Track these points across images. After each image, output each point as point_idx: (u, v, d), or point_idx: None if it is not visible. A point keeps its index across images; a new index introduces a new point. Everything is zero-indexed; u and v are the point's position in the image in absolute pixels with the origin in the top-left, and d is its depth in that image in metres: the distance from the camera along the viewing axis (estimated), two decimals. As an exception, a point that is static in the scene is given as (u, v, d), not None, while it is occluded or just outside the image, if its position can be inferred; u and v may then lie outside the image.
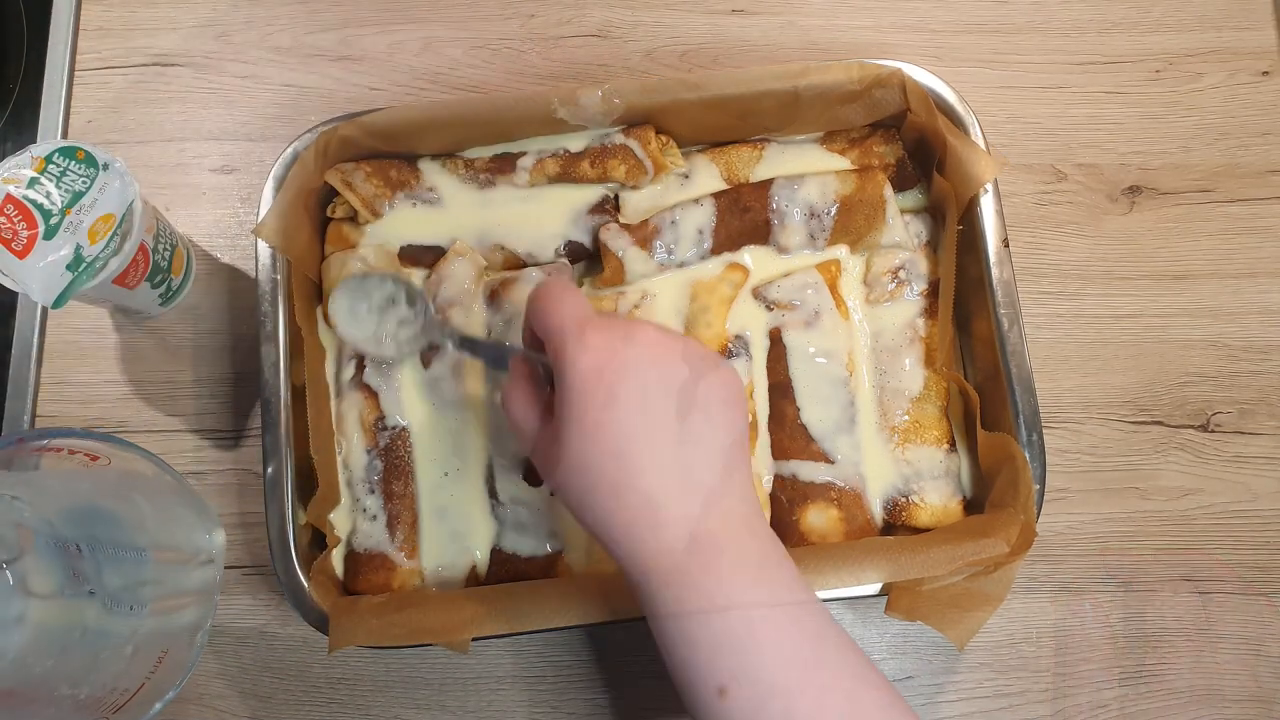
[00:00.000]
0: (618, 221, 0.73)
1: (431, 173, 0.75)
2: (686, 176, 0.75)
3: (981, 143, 0.71)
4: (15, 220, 0.60)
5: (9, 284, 0.61)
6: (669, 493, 0.50)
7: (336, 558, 0.70)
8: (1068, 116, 0.81)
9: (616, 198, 0.75)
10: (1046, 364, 0.77)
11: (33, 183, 0.61)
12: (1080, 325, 0.78)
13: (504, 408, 0.58)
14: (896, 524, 0.70)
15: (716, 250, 0.73)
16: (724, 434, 0.52)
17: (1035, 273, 0.79)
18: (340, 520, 0.70)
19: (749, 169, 0.75)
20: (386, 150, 0.74)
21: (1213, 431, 0.76)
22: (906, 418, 0.71)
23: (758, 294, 0.73)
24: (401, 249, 0.74)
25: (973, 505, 0.71)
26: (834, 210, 0.72)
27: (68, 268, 0.60)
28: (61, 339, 0.76)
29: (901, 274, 0.73)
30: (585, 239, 0.74)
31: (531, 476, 0.69)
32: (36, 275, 0.60)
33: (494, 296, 0.72)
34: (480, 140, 0.74)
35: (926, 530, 0.69)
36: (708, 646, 0.49)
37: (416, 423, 0.71)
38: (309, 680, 0.72)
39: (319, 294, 0.74)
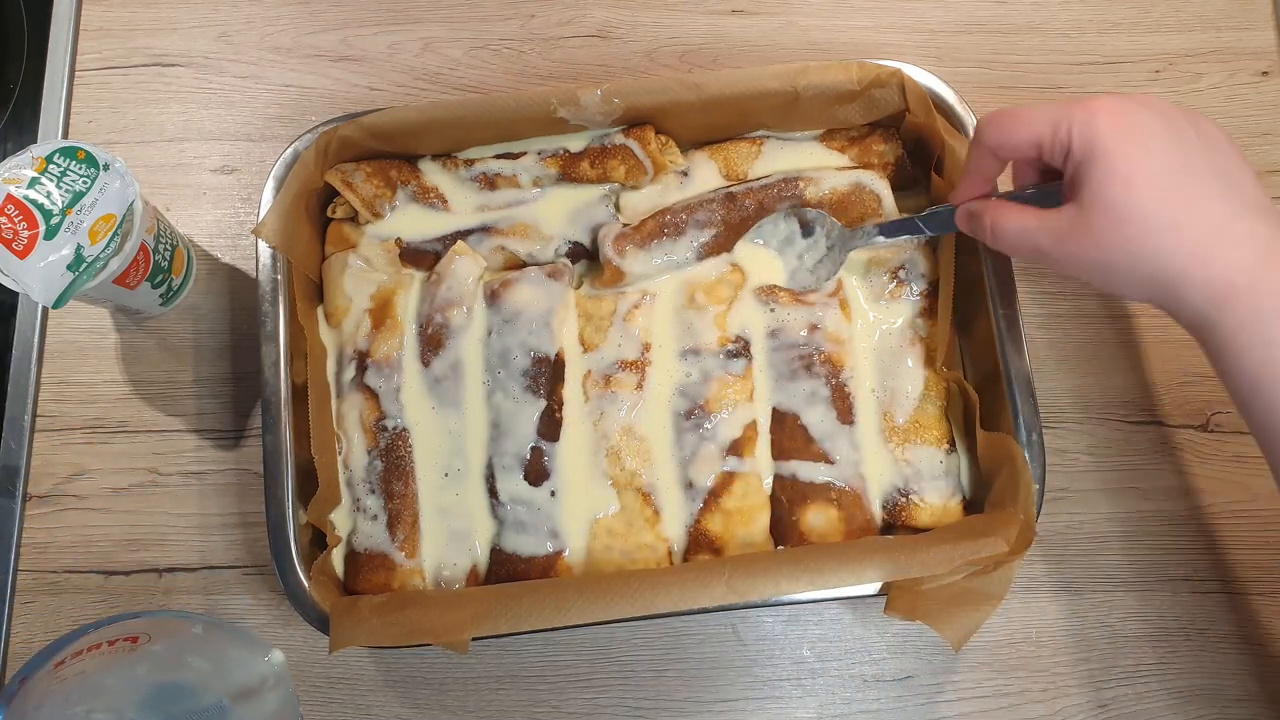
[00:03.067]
0: (618, 221, 0.73)
1: (432, 173, 0.75)
2: (685, 173, 0.75)
3: (981, 143, 0.71)
4: (16, 220, 0.60)
5: (9, 284, 0.61)
6: (1234, 210, 0.50)
7: (337, 558, 0.70)
8: None
9: (616, 198, 0.75)
10: (1046, 364, 0.77)
11: (33, 183, 0.61)
12: (1080, 325, 0.78)
13: (996, 236, 0.58)
14: (896, 524, 0.70)
15: (716, 250, 0.73)
16: (1245, 167, 0.52)
17: (1035, 273, 0.79)
18: (341, 520, 0.70)
19: (748, 165, 0.75)
20: (387, 150, 0.74)
21: (1213, 431, 0.76)
22: (906, 418, 0.71)
23: (758, 294, 0.73)
24: (402, 249, 0.74)
25: (972, 505, 0.71)
26: (833, 208, 0.72)
27: (68, 268, 0.61)
28: (62, 339, 0.77)
29: (901, 274, 0.73)
30: (585, 239, 0.74)
31: (531, 477, 0.69)
32: (37, 275, 0.60)
33: (494, 297, 0.72)
34: (480, 140, 0.74)
35: (926, 530, 0.69)
36: None
37: (417, 423, 0.71)
38: (309, 680, 0.72)
39: (320, 294, 0.74)
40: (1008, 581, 0.62)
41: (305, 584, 0.66)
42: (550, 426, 0.71)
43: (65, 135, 0.79)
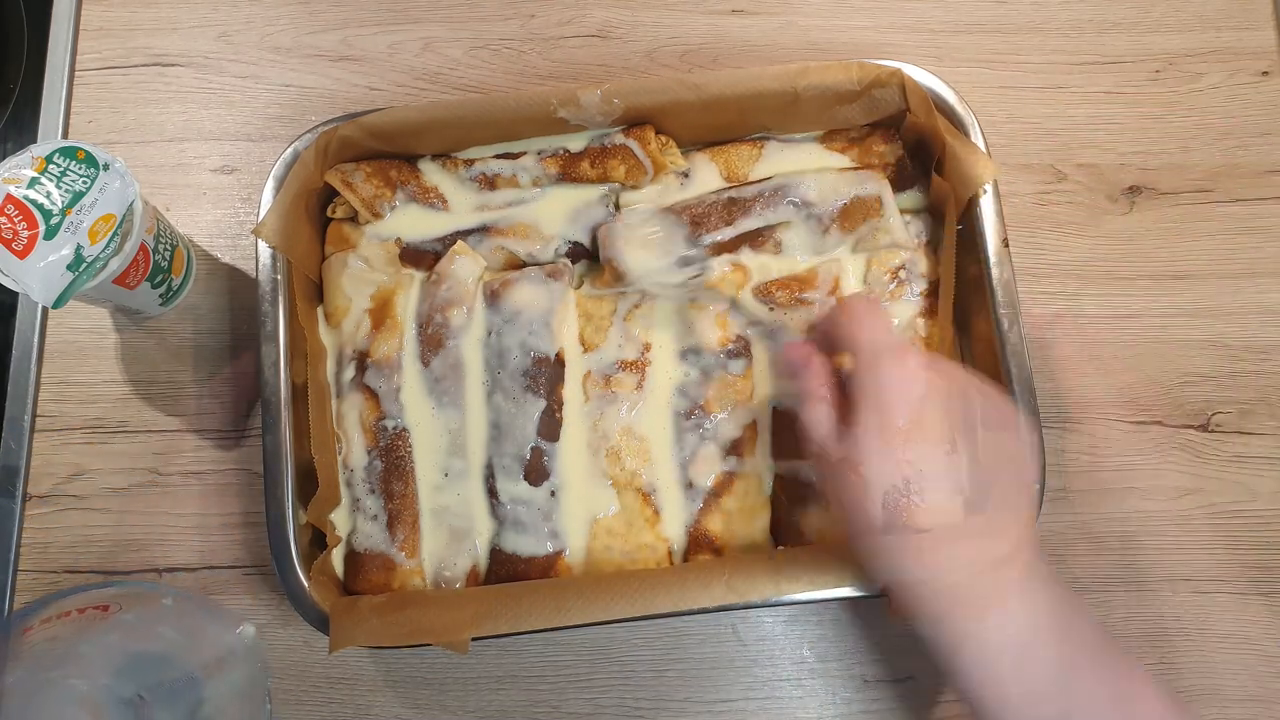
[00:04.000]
0: (618, 221, 0.73)
1: (431, 173, 0.75)
2: (686, 175, 0.75)
3: (981, 143, 0.71)
4: (15, 220, 0.60)
5: (9, 284, 0.61)
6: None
7: (336, 558, 0.70)
8: (1067, 116, 0.81)
9: (616, 198, 0.75)
10: (1046, 364, 0.77)
11: (33, 183, 0.61)
12: (1080, 325, 0.78)
13: (806, 419, 0.61)
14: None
15: (716, 250, 0.73)
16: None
17: (1035, 273, 0.79)
18: (340, 520, 0.70)
19: (748, 167, 0.75)
20: (387, 150, 0.74)
21: (1213, 431, 0.76)
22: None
23: (759, 294, 0.73)
24: (402, 249, 0.74)
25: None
26: (833, 209, 0.72)
27: (68, 268, 0.61)
28: (61, 339, 0.76)
29: (901, 274, 0.73)
30: (585, 239, 0.74)
31: (531, 477, 0.69)
32: (37, 275, 0.60)
33: (494, 297, 0.72)
34: (480, 140, 0.74)
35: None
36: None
37: (416, 423, 0.71)
38: (309, 680, 0.72)
39: (319, 294, 0.74)
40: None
41: (305, 584, 0.66)
42: (550, 426, 0.71)
43: (65, 135, 0.79)
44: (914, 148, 0.75)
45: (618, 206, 0.75)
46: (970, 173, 0.68)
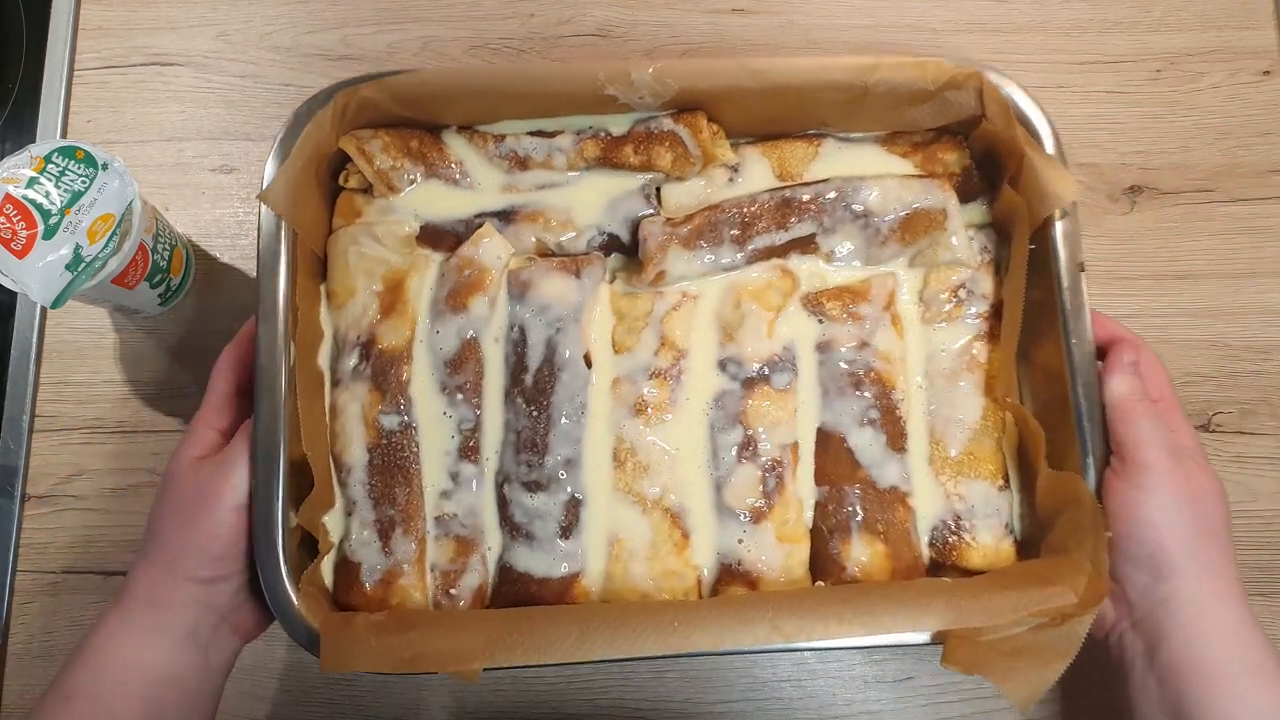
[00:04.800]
0: (660, 215, 0.67)
1: (457, 146, 0.68)
2: (735, 170, 0.69)
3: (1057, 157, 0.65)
4: (14, 220, 0.60)
5: (8, 284, 0.60)
6: None
7: (327, 566, 0.62)
8: (1068, 116, 0.79)
9: (658, 189, 0.69)
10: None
11: (32, 182, 0.60)
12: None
13: None
14: (945, 563, 0.64)
15: (765, 254, 0.67)
16: None
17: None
18: (333, 524, 0.63)
19: (803, 166, 0.69)
20: (410, 117, 0.67)
21: (1213, 431, 0.75)
22: (960, 449, 0.66)
23: (808, 304, 0.67)
24: (422, 228, 0.67)
25: (1024, 547, 0.65)
26: (894, 220, 0.66)
27: (67, 267, 0.60)
28: (61, 339, 0.76)
29: (961, 293, 0.67)
30: (623, 232, 0.67)
31: (549, 488, 0.62)
32: (36, 275, 0.60)
33: (520, 287, 0.65)
34: (513, 114, 0.67)
35: (977, 572, 0.63)
36: None
37: (425, 420, 0.64)
38: (308, 682, 0.70)
39: (323, 270, 0.67)
40: (1077, 639, 0.56)
41: (292, 597, 0.58)
42: (572, 432, 0.64)
43: (64, 134, 0.79)
44: (981, 157, 0.69)
45: (659, 198, 0.68)
46: (1049, 190, 0.63)
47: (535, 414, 0.64)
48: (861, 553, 0.63)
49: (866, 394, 0.65)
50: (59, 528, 0.72)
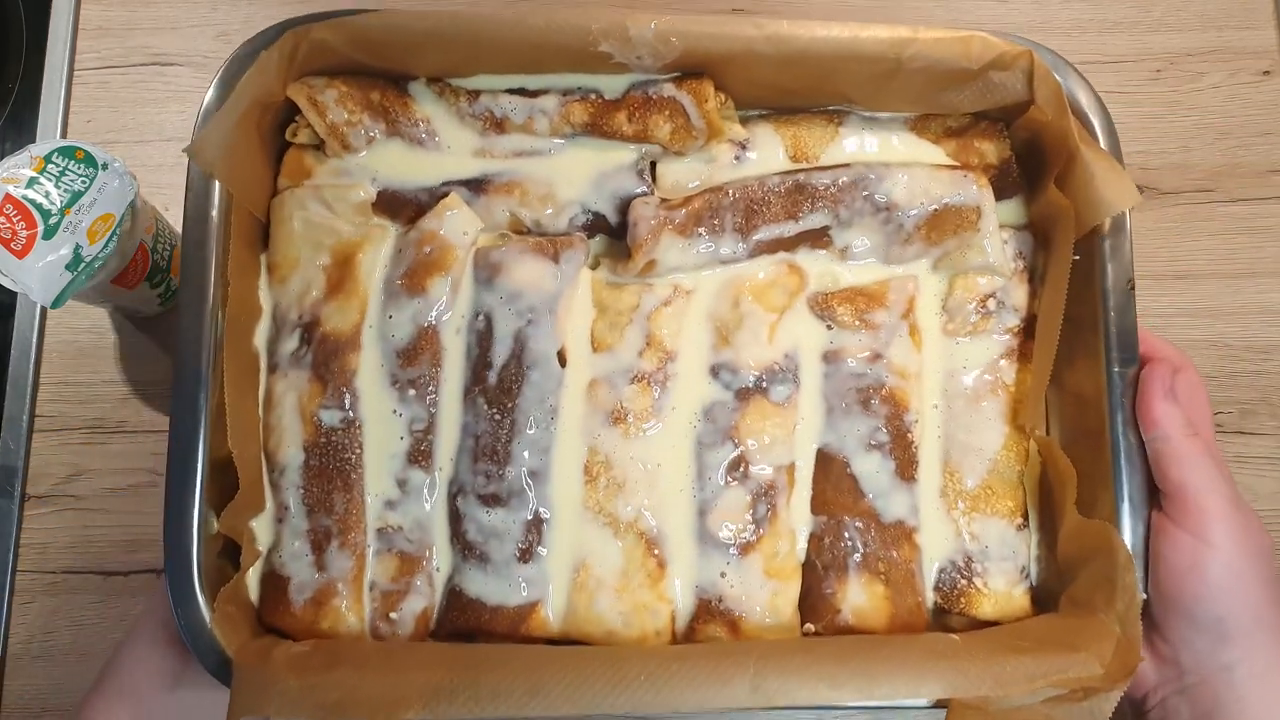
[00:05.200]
0: (654, 195, 0.59)
1: (425, 101, 0.59)
2: (743, 147, 0.60)
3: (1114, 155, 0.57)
4: (14, 220, 0.59)
5: (8, 284, 0.60)
6: None
7: (253, 578, 0.55)
8: None
9: (653, 164, 0.60)
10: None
11: (32, 182, 0.60)
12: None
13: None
14: (951, 610, 0.57)
15: (771, 247, 0.59)
16: None
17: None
18: (261, 530, 0.55)
19: (821, 147, 0.61)
20: (372, 65, 0.58)
21: (1214, 431, 0.71)
22: (977, 481, 0.58)
23: (816, 306, 0.59)
24: (379, 194, 0.58)
25: (1040, 594, 0.58)
26: (921, 215, 0.58)
27: (67, 267, 0.59)
28: (61, 339, 0.75)
29: (990, 304, 0.60)
30: (610, 212, 0.59)
31: (509, 502, 0.55)
32: (36, 275, 0.59)
33: (488, 270, 0.57)
34: (491, 67, 0.59)
35: (987, 622, 0.56)
36: None
37: (371, 418, 0.56)
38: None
39: (264, 238, 0.58)
40: (1102, 718, 0.49)
41: (205, 616, 0.51)
42: (539, 441, 0.56)
43: (64, 134, 0.78)
44: (1022, 148, 0.61)
45: (654, 175, 0.60)
46: (1104, 195, 0.55)
47: (498, 417, 0.56)
48: (858, 594, 0.56)
49: (876, 413, 0.58)
50: (59, 528, 0.72)
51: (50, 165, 0.60)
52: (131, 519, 0.71)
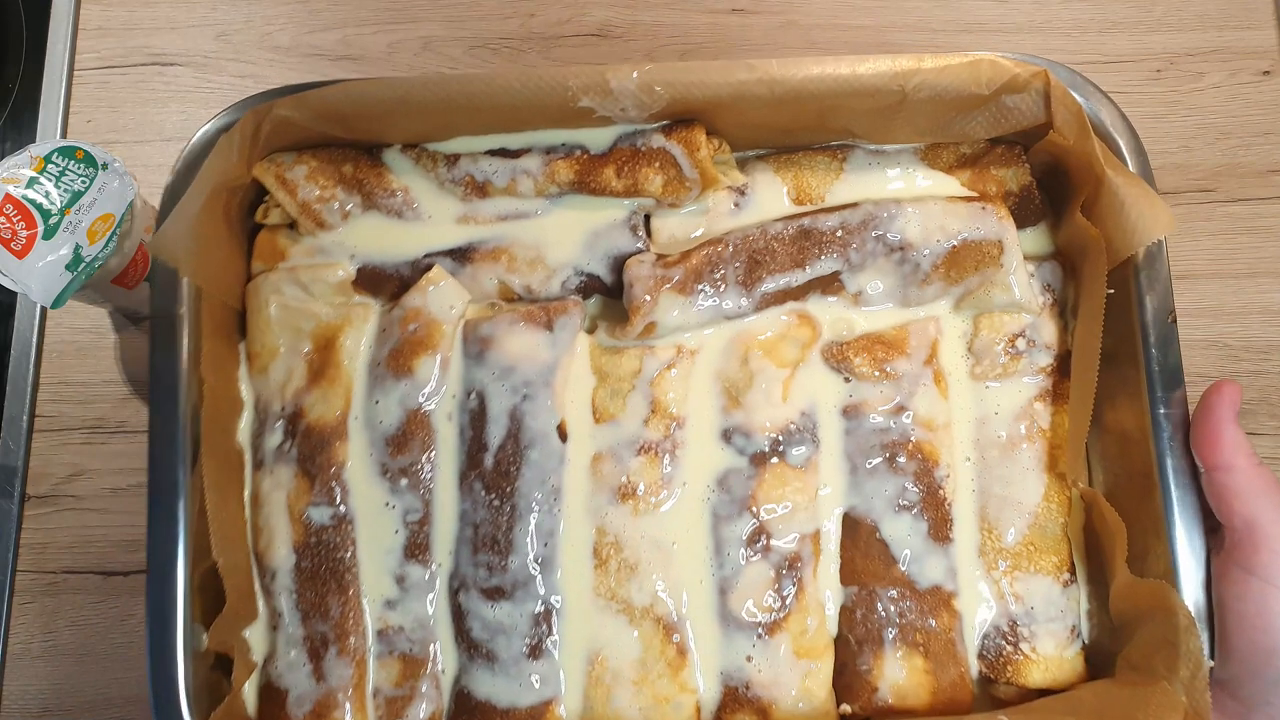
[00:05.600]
0: (649, 251, 0.55)
1: (401, 170, 0.56)
2: (742, 193, 0.56)
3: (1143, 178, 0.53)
4: (14, 220, 0.59)
5: (8, 284, 0.59)
6: None
7: (250, 691, 0.52)
8: None
9: (647, 218, 0.56)
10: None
11: (32, 182, 0.60)
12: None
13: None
14: (999, 680, 0.53)
15: (778, 298, 0.55)
16: None
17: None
18: (257, 640, 0.52)
19: (825, 186, 0.57)
20: (342, 136, 0.55)
21: None
22: (1018, 537, 0.54)
23: (831, 358, 0.55)
24: (359, 270, 0.55)
25: (1093, 654, 0.54)
26: (939, 253, 0.54)
27: (67, 267, 0.59)
28: (61, 339, 0.74)
29: (1020, 343, 0.55)
30: (604, 271, 0.56)
31: (515, 595, 0.51)
32: (36, 275, 0.59)
33: (478, 344, 0.54)
34: (469, 129, 0.55)
35: (1038, 691, 0.52)
36: None
37: (363, 512, 0.53)
38: None
39: (241, 326, 0.55)
40: (1171, 800, 0.45)
41: (196, 745, 0.48)
42: (542, 525, 0.52)
43: (64, 134, 0.78)
44: (1043, 172, 0.57)
45: (649, 230, 0.56)
46: (1137, 222, 0.50)
47: (497, 503, 0.52)
48: (897, 670, 0.52)
49: (903, 471, 0.54)
50: (59, 528, 0.71)
51: (50, 165, 0.60)
52: (131, 519, 0.71)
